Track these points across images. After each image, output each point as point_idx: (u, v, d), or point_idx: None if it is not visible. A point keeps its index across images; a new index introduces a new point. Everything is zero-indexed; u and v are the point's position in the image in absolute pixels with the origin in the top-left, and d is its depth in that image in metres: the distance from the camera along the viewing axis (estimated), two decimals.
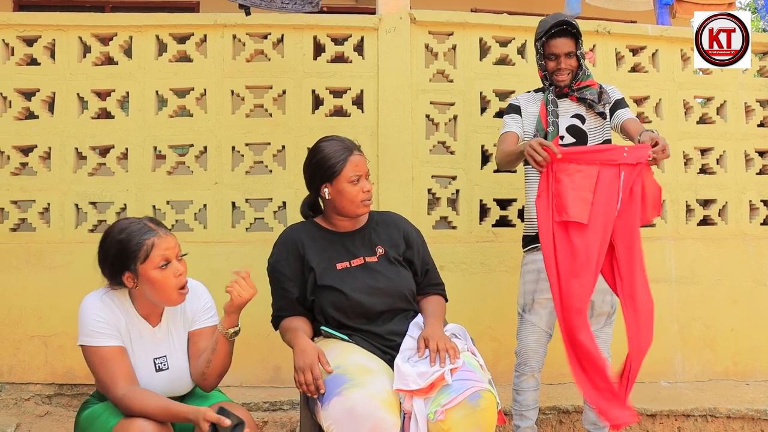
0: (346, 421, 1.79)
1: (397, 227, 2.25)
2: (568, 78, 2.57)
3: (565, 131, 2.59)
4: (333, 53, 3.43)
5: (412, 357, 1.97)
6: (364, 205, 2.13)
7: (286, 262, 2.14)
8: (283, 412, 3.01)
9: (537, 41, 2.60)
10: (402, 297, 2.15)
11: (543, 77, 2.66)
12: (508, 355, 3.15)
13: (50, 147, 3.29)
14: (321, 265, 2.10)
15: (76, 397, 3.18)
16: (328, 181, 2.10)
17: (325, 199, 2.15)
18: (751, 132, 3.70)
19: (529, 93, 2.75)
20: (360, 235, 2.19)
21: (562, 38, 2.54)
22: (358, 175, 2.10)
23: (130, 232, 1.84)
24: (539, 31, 2.59)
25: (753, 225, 3.64)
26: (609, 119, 2.63)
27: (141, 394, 1.78)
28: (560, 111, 2.60)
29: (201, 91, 3.36)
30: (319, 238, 2.16)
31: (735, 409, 3.10)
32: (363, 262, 2.13)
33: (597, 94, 2.59)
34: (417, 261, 2.23)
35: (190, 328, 2.00)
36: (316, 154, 2.14)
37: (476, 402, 1.84)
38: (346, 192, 2.09)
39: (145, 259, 1.82)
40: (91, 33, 3.35)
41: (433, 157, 3.43)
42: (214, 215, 3.30)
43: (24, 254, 3.22)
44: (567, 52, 2.54)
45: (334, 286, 2.07)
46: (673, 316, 3.51)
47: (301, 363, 1.91)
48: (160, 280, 1.84)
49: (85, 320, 1.84)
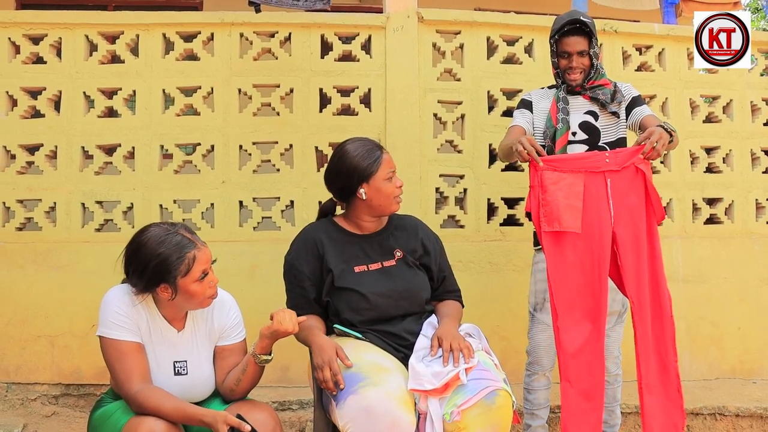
0: (362, 420, 1.79)
1: (416, 233, 2.24)
2: (580, 77, 2.56)
3: (578, 127, 2.58)
4: (340, 52, 3.42)
5: (426, 356, 1.97)
6: (396, 202, 2.14)
7: (305, 261, 2.13)
8: (292, 412, 3.00)
9: (551, 38, 2.59)
10: (418, 300, 2.15)
11: (556, 75, 2.65)
12: (517, 354, 3.15)
13: (56, 146, 3.27)
14: (339, 266, 2.09)
15: (83, 397, 3.16)
16: (365, 180, 2.09)
17: (357, 200, 2.12)
18: (757, 131, 3.70)
19: (543, 89, 2.74)
20: (379, 238, 2.18)
21: (575, 36, 2.52)
22: (392, 172, 2.12)
23: (170, 245, 1.80)
24: (554, 28, 2.58)
25: (759, 224, 3.64)
26: (625, 118, 2.62)
27: (157, 393, 1.76)
28: (573, 107, 2.59)
29: (208, 89, 3.34)
30: (338, 240, 2.15)
31: (744, 407, 3.11)
32: (381, 266, 2.13)
33: (611, 93, 2.58)
34: (434, 267, 2.23)
35: (217, 342, 1.98)
36: (346, 156, 2.11)
37: (492, 400, 1.84)
38: (383, 189, 2.09)
39: (187, 272, 1.80)
40: (98, 31, 3.33)
41: (441, 156, 3.43)
42: (222, 214, 3.29)
43: (30, 253, 3.20)
44: (579, 50, 2.52)
45: (351, 288, 2.07)
46: (680, 315, 3.48)
47: (319, 360, 1.90)
48: (198, 292, 1.83)
49: (107, 312, 1.83)
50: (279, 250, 3.19)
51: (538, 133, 2.63)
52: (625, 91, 2.64)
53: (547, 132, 2.60)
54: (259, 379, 1.95)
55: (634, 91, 2.66)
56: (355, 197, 2.12)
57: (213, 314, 1.96)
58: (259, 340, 1.90)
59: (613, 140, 2.60)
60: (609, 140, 2.59)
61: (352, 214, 2.19)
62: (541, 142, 2.60)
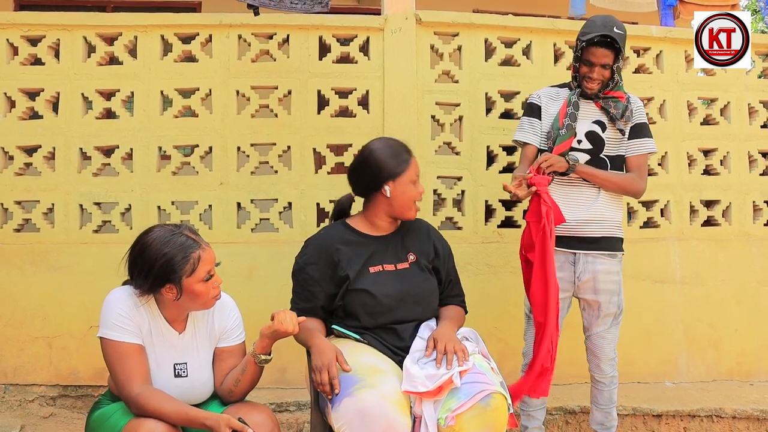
0: (357, 422, 1.79)
1: (428, 236, 2.26)
2: (597, 87, 2.52)
3: (584, 136, 2.56)
4: (338, 54, 3.42)
5: (421, 359, 1.97)
6: (416, 209, 2.17)
7: (316, 266, 2.12)
8: (289, 414, 3.00)
9: (578, 40, 2.51)
10: (428, 304, 2.16)
11: (574, 77, 2.59)
12: (514, 356, 3.15)
13: (54, 147, 3.27)
14: (356, 269, 2.09)
15: (81, 398, 3.17)
16: (392, 178, 2.10)
17: (379, 197, 2.13)
18: (754, 133, 3.71)
19: (554, 88, 2.70)
20: (393, 240, 2.19)
21: (603, 49, 2.44)
22: (417, 176, 2.15)
23: (175, 245, 1.81)
24: (585, 31, 2.49)
25: (757, 226, 3.65)
26: (627, 138, 2.61)
27: (158, 396, 1.76)
28: (582, 114, 2.57)
29: (206, 91, 3.34)
30: (353, 243, 2.15)
31: (741, 409, 3.11)
32: (395, 268, 2.13)
33: (622, 109, 2.54)
34: (443, 271, 2.24)
35: (217, 344, 1.98)
36: (377, 152, 2.13)
37: (487, 402, 1.85)
38: (407, 192, 2.12)
39: (191, 272, 1.81)
40: (96, 33, 3.34)
41: (439, 158, 3.43)
42: (220, 216, 3.29)
43: (28, 255, 3.20)
44: (603, 63, 2.47)
45: (365, 289, 2.07)
46: (677, 317, 3.51)
47: (318, 362, 1.91)
48: (203, 292, 1.84)
49: (108, 313, 1.83)
50: (277, 251, 3.24)
51: (544, 137, 2.63)
52: (637, 111, 2.60)
53: (551, 133, 2.58)
54: (258, 380, 1.95)
55: (643, 116, 2.63)
56: (378, 193, 2.13)
57: (214, 316, 1.97)
58: (259, 340, 1.90)
59: (614, 155, 2.59)
60: (610, 154, 2.58)
61: (369, 212, 2.19)
62: (545, 143, 2.61)
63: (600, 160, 2.56)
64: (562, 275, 2.52)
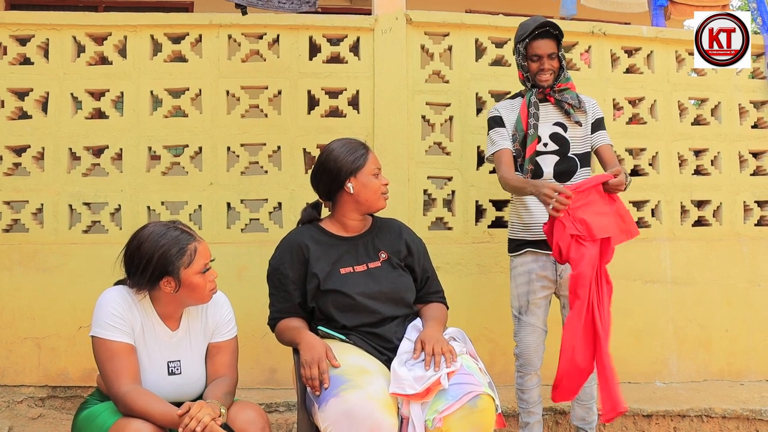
0: (343, 423, 1.79)
1: (399, 234, 2.26)
2: (551, 78, 2.60)
3: (549, 138, 2.62)
4: (329, 54, 3.42)
5: (409, 360, 1.97)
6: (384, 198, 2.18)
7: (290, 265, 2.13)
8: (279, 414, 3.00)
9: (519, 43, 2.63)
10: (404, 301, 2.16)
11: (524, 79, 2.68)
12: (504, 355, 3.17)
13: (44, 147, 3.26)
14: (325, 269, 2.10)
15: (70, 399, 3.16)
16: (352, 174, 2.12)
17: (344, 196, 2.15)
18: (745, 133, 3.72)
19: (507, 101, 2.78)
20: (363, 240, 2.20)
21: (545, 39, 2.57)
22: (378, 169, 2.17)
23: (171, 238, 1.85)
24: (521, 32, 2.62)
25: (747, 226, 3.65)
26: (590, 132, 2.66)
27: (146, 396, 1.76)
28: (542, 117, 2.63)
29: (196, 91, 3.34)
30: (323, 243, 2.16)
31: (730, 409, 3.11)
32: (366, 268, 2.14)
33: (575, 97, 2.63)
34: (417, 268, 2.24)
35: (210, 339, 2.00)
36: (334, 152, 2.16)
37: (474, 403, 1.85)
38: (371, 184, 2.14)
39: (189, 264, 1.84)
40: (86, 32, 3.33)
41: (429, 158, 3.43)
42: (209, 216, 3.28)
43: (17, 255, 3.19)
44: (550, 53, 2.58)
45: (337, 289, 2.07)
46: (668, 317, 3.52)
47: (308, 357, 1.91)
48: (201, 285, 1.87)
49: (101, 312, 1.84)
50: (267, 251, 3.19)
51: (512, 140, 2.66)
52: (591, 107, 2.69)
53: (516, 135, 2.63)
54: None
55: (599, 110, 2.71)
56: (342, 192, 2.14)
57: (207, 311, 1.99)
58: None
59: (581, 152, 2.64)
60: (577, 152, 2.64)
61: (338, 213, 2.20)
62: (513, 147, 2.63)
63: (569, 159, 2.62)
64: (545, 274, 2.60)
